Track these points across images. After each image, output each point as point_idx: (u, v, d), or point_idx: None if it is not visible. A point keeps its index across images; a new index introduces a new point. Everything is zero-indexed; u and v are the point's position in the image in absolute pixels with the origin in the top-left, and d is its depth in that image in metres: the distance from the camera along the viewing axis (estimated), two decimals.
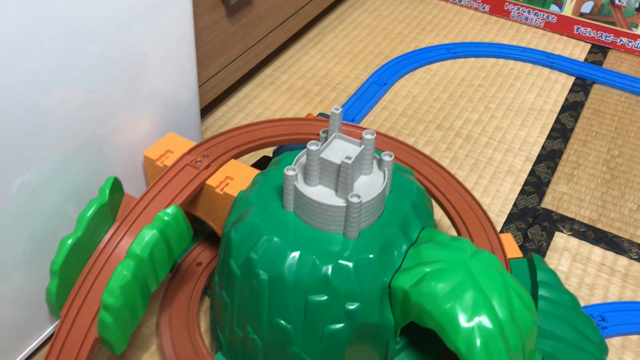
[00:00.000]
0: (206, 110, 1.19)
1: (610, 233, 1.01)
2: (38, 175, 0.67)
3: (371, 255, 0.63)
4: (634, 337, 0.86)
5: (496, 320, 0.58)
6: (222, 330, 0.72)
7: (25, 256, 0.70)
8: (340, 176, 0.62)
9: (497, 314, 0.58)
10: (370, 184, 0.66)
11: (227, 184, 0.76)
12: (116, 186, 0.72)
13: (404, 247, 0.65)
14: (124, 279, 0.64)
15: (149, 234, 0.66)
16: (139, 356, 0.80)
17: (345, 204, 0.62)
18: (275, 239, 0.64)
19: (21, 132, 0.63)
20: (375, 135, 0.65)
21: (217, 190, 0.75)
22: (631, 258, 0.97)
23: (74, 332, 0.68)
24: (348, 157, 0.61)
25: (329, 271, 0.62)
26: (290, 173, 0.64)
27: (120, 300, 0.64)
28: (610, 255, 0.97)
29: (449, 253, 0.63)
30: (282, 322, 0.64)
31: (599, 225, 1.02)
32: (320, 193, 0.64)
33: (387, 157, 0.66)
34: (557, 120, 1.24)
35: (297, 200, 0.65)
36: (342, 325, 0.63)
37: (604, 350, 0.69)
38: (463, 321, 0.58)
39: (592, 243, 0.99)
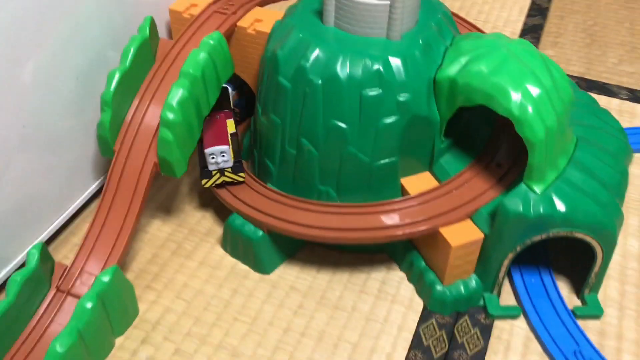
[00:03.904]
0: None
1: (600, 81, 1.08)
2: (80, 17, 0.68)
3: (416, 52, 0.67)
4: (636, 154, 0.93)
5: (542, 86, 0.63)
6: (271, 159, 0.74)
7: (73, 95, 0.71)
8: None
9: (541, 82, 0.63)
10: None
11: (257, 25, 0.78)
12: (153, 27, 0.73)
13: (442, 48, 0.69)
14: (181, 96, 0.66)
15: (199, 55, 0.68)
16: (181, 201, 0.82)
17: (388, 2, 0.66)
18: (324, 46, 0.67)
19: None
20: None
21: (249, 30, 0.77)
22: (622, 99, 1.04)
23: (131, 161, 0.69)
24: None
25: (381, 67, 0.65)
26: None
27: (179, 116, 0.66)
28: (603, 98, 1.04)
29: (487, 41, 0.67)
30: (338, 122, 0.67)
31: (588, 77, 1.09)
32: None
33: None
34: (533, 1, 1.31)
35: (339, 9, 0.68)
36: (395, 117, 0.67)
37: (625, 135, 0.75)
38: (513, 88, 0.62)
39: (585, 90, 1.06)
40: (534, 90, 0.63)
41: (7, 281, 0.64)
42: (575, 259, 0.75)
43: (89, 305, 0.61)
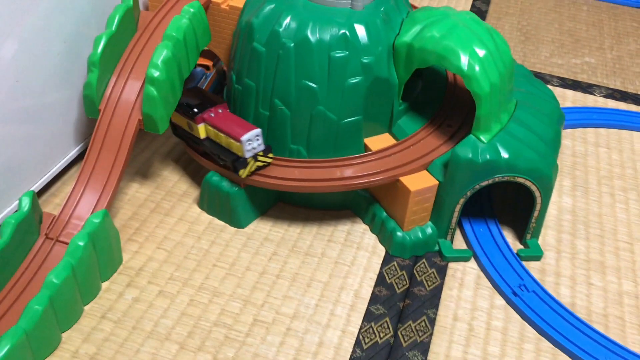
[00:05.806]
0: None
1: (534, 71, 1.20)
2: None
3: (377, 21, 0.75)
4: (568, 130, 1.04)
5: (487, 48, 0.72)
6: None
7: (60, 57, 0.75)
8: None
9: (486, 45, 0.73)
10: None
11: (230, 1, 0.85)
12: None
13: (399, 19, 0.78)
14: (165, 55, 0.72)
15: (181, 20, 0.74)
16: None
17: None
18: (296, 14, 0.74)
19: None
20: None
21: (223, 5, 0.84)
22: (554, 85, 1.16)
23: (116, 118, 0.74)
24: None
25: (347, 31, 0.74)
26: None
27: (164, 74, 0.72)
28: None
29: (438, 11, 0.77)
30: (309, 83, 0.75)
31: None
32: None
33: None
34: (473, 5, 1.43)
35: None
36: (360, 78, 0.75)
37: (556, 100, 0.86)
38: (462, 50, 0.71)
39: None
40: (480, 52, 0.72)
41: None
42: (517, 214, 0.84)
43: (81, 243, 0.66)
